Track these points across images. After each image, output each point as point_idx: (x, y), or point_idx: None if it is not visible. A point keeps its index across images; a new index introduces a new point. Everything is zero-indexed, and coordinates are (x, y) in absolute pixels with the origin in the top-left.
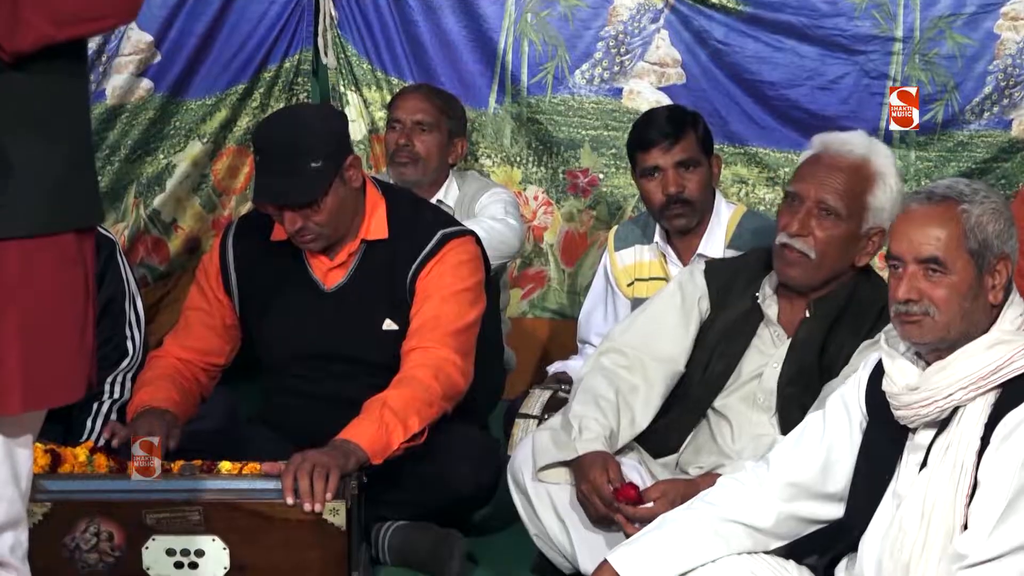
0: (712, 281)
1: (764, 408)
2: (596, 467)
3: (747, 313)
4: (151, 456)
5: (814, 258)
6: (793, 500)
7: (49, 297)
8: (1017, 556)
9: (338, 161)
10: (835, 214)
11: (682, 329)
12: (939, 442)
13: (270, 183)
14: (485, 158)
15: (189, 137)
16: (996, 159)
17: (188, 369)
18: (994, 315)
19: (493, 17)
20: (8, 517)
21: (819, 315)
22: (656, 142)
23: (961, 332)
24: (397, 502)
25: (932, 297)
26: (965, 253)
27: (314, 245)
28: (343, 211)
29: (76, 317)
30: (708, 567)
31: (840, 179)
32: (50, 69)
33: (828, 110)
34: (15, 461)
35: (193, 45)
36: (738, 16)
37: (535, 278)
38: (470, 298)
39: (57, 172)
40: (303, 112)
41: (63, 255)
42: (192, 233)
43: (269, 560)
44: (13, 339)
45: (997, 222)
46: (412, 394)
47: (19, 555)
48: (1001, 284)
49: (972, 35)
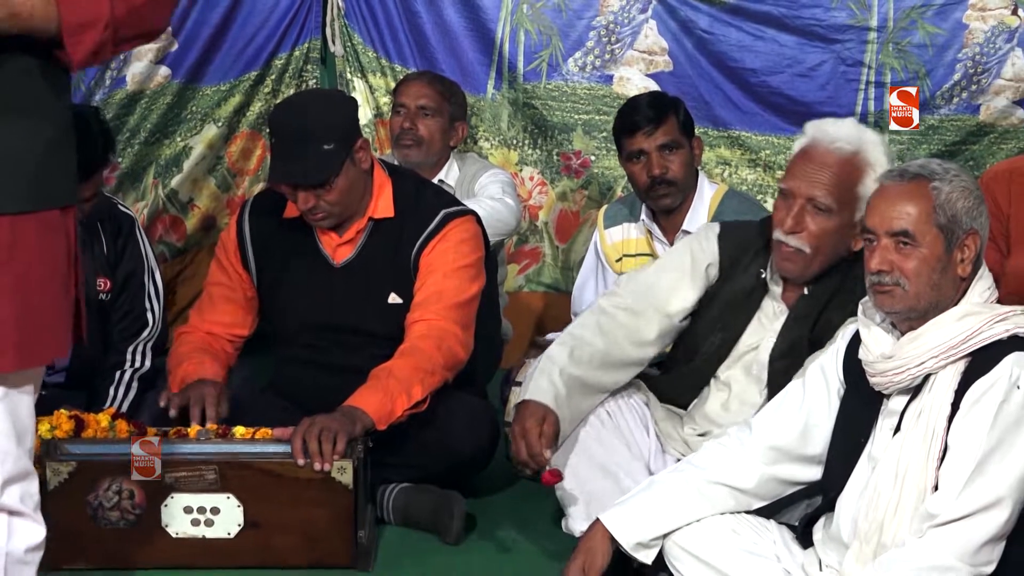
0: (724, 249)
1: (757, 379)
2: (534, 418)
3: (752, 288)
4: (151, 456)
5: (808, 252)
6: (774, 463)
7: (37, 264)
8: (984, 515)
9: (349, 144)
10: (827, 210)
11: (686, 288)
12: (912, 408)
13: (285, 164)
14: (484, 141)
15: (205, 121)
16: (965, 142)
17: (216, 342)
18: (963, 288)
19: (491, 8)
20: (13, 471)
21: (817, 292)
22: (639, 127)
23: (930, 303)
24: (401, 465)
25: (903, 269)
26: (934, 228)
27: (325, 222)
28: (353, 191)
29: (61, 280)
30: (693, 526)
31: (830, 175)
32: (32, 64)
33: (807, 96)
34: (16, 417)
35: (208, 35)
36: (722, 7)
37: (531, 254)
38: (471, 274)
39: (40, 156)
40: (316, 98)
41: (48, 225)
42: (208, 212)
43: (280, 517)
44: (7, 302)
45: (967, 199)
46: (415, 363)
47: (30, 505)
48: (969, 258)
49: (942, 25)
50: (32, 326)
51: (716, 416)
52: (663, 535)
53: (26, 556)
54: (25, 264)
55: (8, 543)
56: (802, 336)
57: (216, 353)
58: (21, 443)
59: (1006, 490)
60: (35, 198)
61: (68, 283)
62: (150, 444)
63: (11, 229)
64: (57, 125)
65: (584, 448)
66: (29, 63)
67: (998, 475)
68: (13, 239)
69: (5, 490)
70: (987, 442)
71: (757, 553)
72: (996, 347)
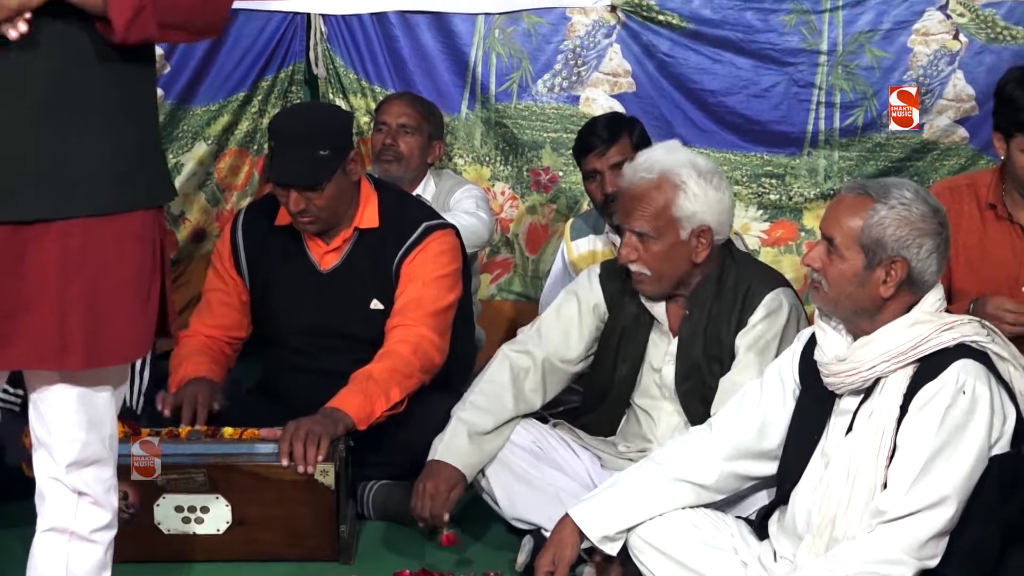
0: (607, 287)
1: (670, 399)
2: (446, 483)
3: (638, 316)
4: (151, 456)
5: (651, 274)
6: (733, 459)
7: (111, 269)
8: (930, 512)
9: (342, 153)
10: (650, 236)
11: (575, 333)
12: (863, 409)
13: (283, 166)
14: (458, 158)
15: (195, 139)
16: (910, 159)
17: (215, 344)
18: (886, 306)
19: (465, 33)
20: (83, 455)
21: (695, 311)
22: (593, 147)
23: (849, 310)
24: (380, 463)
25: (826, 271)
26: (857, 244)
27: (311, 227)
28: (341, 199)
29: (139, 286)
30: (656, 520)
31: (641, 204)
32: (122, 67)
33: (761, 115)
34: (93, 409)
35: (199, 58)
36: (682, 32)
37: (502, 264)
38: (448, 283)
39: (123, 159)
40: (316, 107)
41: (126, 231)
42: (198, 225)
43: (266, 515)
44: (77, 305)
45: (899, 228)
46: (393, 367)
47: (99, 489)
48: (893, 281)
49: (888, 49)
50: (102, 330)
51: (646, 434)
52: (628, 529)
53: (92, 535)
54: (97, 269)
55: (74, 521)
56: (698, 359)
57: (214, 354)
58: (94, 431)
59: (951, 489)
60: (114, 201)
61: (148, 287)
62: (150, 444)
63: (86, 234)
64: (141, 127)
65: (526, 482)
66: (113, 64)
67: (944, 475)
68: (87, 245)
69: (72, 472)
70: (934, 443)
71: (716, 546)
72: (944, 354)
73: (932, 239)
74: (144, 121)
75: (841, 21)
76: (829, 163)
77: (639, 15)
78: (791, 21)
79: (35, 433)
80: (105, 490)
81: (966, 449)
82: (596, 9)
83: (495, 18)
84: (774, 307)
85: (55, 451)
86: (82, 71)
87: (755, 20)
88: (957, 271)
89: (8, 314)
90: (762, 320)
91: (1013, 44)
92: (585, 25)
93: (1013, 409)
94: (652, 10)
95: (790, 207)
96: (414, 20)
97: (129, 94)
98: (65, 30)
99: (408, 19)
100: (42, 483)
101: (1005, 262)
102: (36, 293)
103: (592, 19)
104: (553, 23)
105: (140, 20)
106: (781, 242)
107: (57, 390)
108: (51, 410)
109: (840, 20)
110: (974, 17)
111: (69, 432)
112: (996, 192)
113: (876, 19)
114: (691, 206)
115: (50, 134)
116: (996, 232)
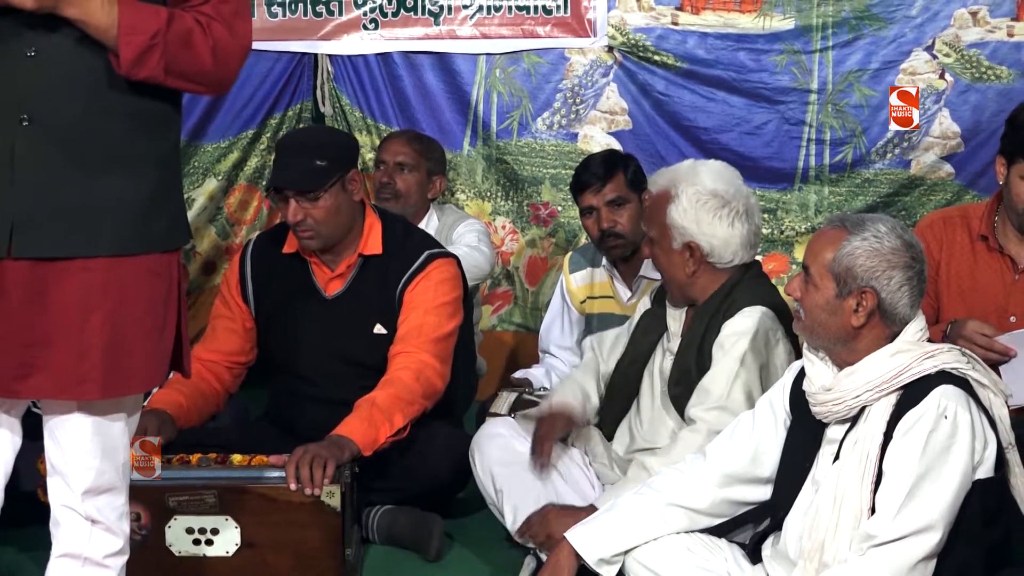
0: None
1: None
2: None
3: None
4: (151, 456)
5: (662, 278)
6: (726, 486)
7: (130, 304)
8: (917, 537)
9: (341, 167)
10: (651, 240)
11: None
12: (849, 437)
13: (279, 171)
14: (460, 193)
15: (206, 175)
16: (897, 194)
17: (213, 369)
18: (860, 335)
19: (467, 73)
20: (98, 483)
21: (696, 322)
22: (589, 185)
23: (824, 339)
24: (384, 488)
25: (803, 299)
26: (829, 273)
27: (312, 243)
28: (340, 215)
29: (155, 319)
30: (651, 544)
31: (648, 207)
32: (149, 114)
33: (754, 152)
34: (107, 437)
35: (209, 97)
36: (677, 72)
37: (503, 296)
38: (450, 311)
39: (142, 203)
40: (320, 126)
41: (145, 269)
42: (208, 257)
43: (274, 538)
44: (97, 337)
45: (869, 259)
46: (396, 394)
47: (111, 516)
48: (864, 311)
49: (876, 88)
50: (119, 361)
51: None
52: (624, 552)
53: (105, 561)
54: (117, 304)
55: (87, 547)
56: (690, 366)
57: (199, 383)
58: (108, 459)
59: (937, 515)
60: (134, 243)
61: (165, 323)
62: (150, 444)
63: (107, 271)
64: (164, 172)
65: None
66: (140, 110)
67: (930, 499)
68: (107, 280)
69: (86, 500)
70: (918, 468)
71: (709, 569)
72: (925, 381)
73: (902, 272)
74: (166, 166)
75: (831, 61)
76: (819, 198)
77: (635, 55)
78: (782, 61)
79: (50, 460)
80: (118, 517)
81: (950, 473)
82: (594, 49)
83: (496, 58)
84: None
85: (70, 478)
86: (111, 116)
87: (748, 60)
88: (947, 300)
89: (30, 345)
90: (731, 331)
91: (997, 83)
92: (583, 65)
93: (993, 435)
94: (648, 50)
95: (781, 240)
96: (418, 60)
97: (154, 139)
98: (95, 74)
99: (412, 59)
100: (56, 510)
101: (994, 293)
102: (57, 325)
103: (590, 59)
104: (552, 63)
105: (147, 59)
106: (773, 275)
107: (73, 418)
108: (67, 437)
109: (830, 60)
110: (959, 57)
111: (84, 460)
112: (988, 224)
113: (864, 59)
114: (679, 220)
115: (77, 174)
116: (986, 263)
